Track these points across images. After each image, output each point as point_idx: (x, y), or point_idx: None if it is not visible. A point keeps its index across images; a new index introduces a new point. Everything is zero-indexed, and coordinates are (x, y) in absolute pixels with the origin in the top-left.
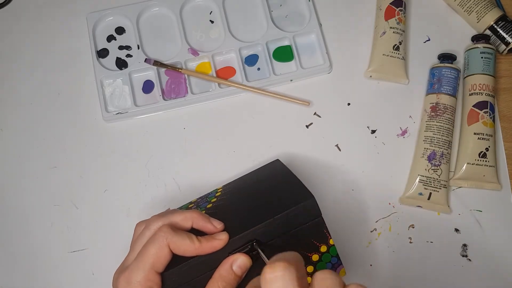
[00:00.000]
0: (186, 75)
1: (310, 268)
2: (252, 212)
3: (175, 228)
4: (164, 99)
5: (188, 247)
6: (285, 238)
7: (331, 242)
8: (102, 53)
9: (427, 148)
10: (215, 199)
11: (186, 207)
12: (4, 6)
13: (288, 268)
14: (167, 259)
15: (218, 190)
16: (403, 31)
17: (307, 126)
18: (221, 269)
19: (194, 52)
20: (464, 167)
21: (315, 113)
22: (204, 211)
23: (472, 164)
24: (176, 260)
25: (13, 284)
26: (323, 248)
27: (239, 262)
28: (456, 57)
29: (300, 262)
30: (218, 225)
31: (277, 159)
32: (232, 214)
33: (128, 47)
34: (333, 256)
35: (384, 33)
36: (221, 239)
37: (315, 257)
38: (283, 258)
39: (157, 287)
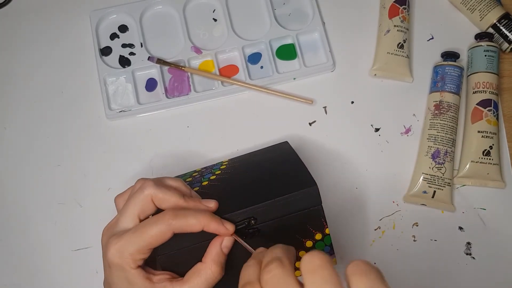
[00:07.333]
0: (189, 73)
1: (302, 253)
2: (254, 191)
3: (159, 183)
4: (167, 97)
5: (172, 198)
6: (283, 221)
7: (327, 231)
8: (105, 51)
9: (431, 146)
10: (219, 171)
11: (190, 176)
12: (7, 5)
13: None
14: (152, 211)
15: (224, 163)
16: (407, 29)
17: (310, 124)
18: (213, 252)
19: (197, 50)
20: (468, 165)
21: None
22: (207, 182)
23: (476, 162)
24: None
25: (16, 283)
26: (318, 236)
27: (225, 242)
28: (459, 55)
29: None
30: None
31: (286, 141)
32: (234, 189)
33: (131, 45)
34: (327, 245)
35: (388, 31)
36: (209, 206)
37: (308, 244)
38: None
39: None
